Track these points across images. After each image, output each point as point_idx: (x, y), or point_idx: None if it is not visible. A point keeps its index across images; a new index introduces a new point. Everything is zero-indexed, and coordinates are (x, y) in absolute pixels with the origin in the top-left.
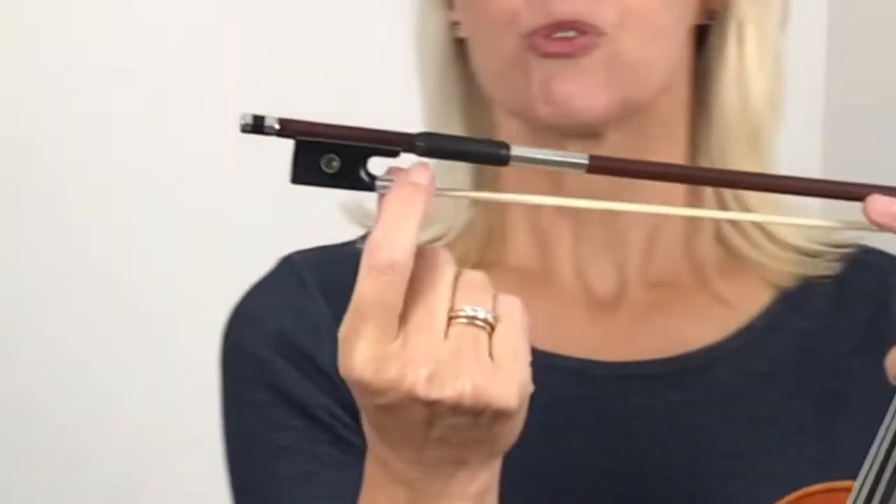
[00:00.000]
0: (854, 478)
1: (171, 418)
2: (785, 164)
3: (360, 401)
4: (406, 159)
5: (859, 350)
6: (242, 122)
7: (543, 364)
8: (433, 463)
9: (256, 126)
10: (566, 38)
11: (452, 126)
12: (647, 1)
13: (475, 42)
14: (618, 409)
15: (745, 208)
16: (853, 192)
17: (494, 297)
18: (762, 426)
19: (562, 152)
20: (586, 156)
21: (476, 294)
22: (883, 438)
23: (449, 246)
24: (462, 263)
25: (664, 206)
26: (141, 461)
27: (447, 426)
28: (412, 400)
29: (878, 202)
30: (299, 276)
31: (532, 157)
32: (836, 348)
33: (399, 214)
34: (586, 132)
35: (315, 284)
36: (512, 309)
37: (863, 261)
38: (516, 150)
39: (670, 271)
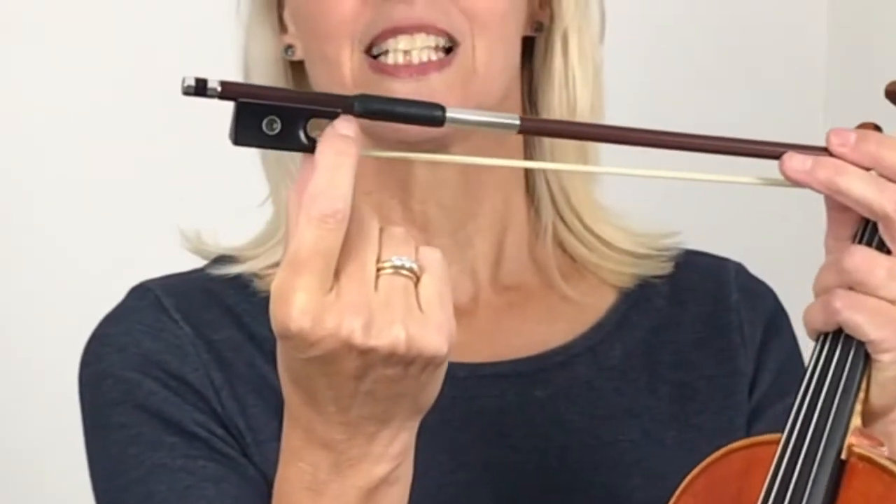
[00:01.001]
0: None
1: None
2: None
3: (292, 355)
4: None
5: (701, 343)
6: (185, 84)
7: None
8: (358, 422)
9: (199, 88)
10: (412, 64)
11: None
12: (493, 10)
13: (314, 62)
14: (486, 408)
15: (578, 214)
16: (770, 151)
17: (416, 249)
18: (624, 417)
19: (495, 113)
20: (517, 116)
21: (400, 246)
22: (805, 390)
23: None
24: None
25: (510, 213)
26: None
27: (377, 377)
28: (349, 349)
29: (793, 160)
30: (157, 300)
31: (466, 119)
32: (680, 342)
33: (335, 164)
34: (434, 144)
35: (173, 307)
36: (434, 259)
37: (690, 262)
38: (451, 112)
39: (518, 275)
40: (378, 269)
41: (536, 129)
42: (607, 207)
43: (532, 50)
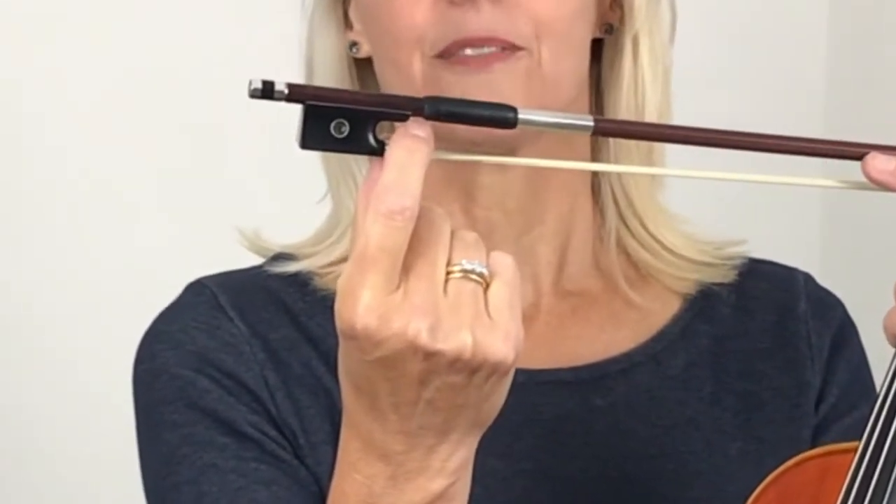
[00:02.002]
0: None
1: None
2: (785, 164)
3: (355, 356)
4: None
5: (768, 353)
6: (252, 87)
7: None
8: (418, 433)
9: (266, 91)
10: (482, 54)
11: None
12: (559, 15)
13: (382, 63)
14: (544, 415)
15: (641, 219)
16: (852, 152)
17: (487, 254)
18: (685, 428)
19: (569, 114)
20: (591, 117)
21: (471, 250)
22: (885, 396)
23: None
24: None
25: (576, 218)
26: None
27: (440, 385)
28: (414, 350)
29: (876, 160)
30: (213, 298)
31: (538, 121)
32: (746, 351)
33: (405, 162)
34: (501, 146)
35: (229, 304)
36: (505, 265)
37: (756, 270)
38: (524, 114)
39: (581, 281)
40: (448, 273)
41: (611, 130)
42: (672, 212)
43: (601, 51)
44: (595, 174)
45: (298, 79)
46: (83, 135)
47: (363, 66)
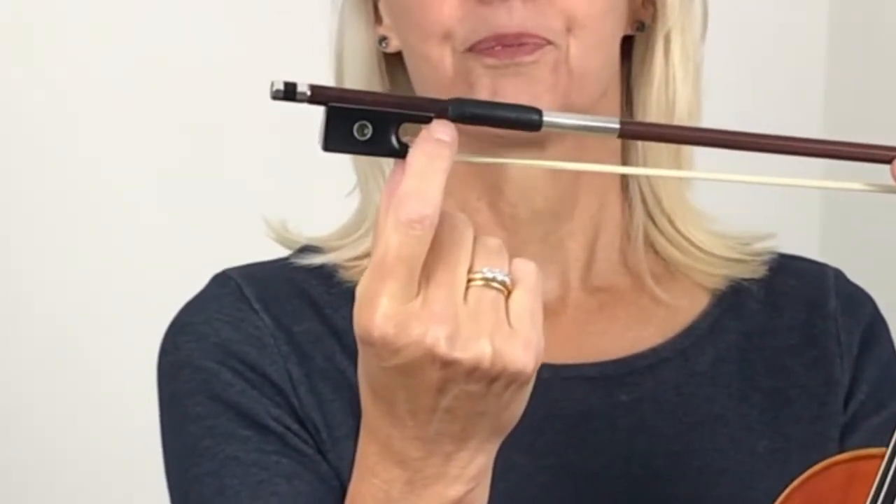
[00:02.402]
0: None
1: None
2: (784, 164)
3: (373, 363)
4: None
5: (796, 350)
6: (274, 88)
7: None
8: (435, 439)
9: (288, 93)
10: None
11: None
12: (590, 11)
13: (412, 57)
14: (569, 410)
15: (669, 218)
16: (881, 155)
17: (510, 262)
18: (712, 424)
19: (594, 117)
20: (618, 120)
21: (493, 257)
22: None
23: None
24: None
25: (604, 215)
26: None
27: (458, 393)
28: (432, 359)
29: None
30: (238, 289)
31: (564, 123)
32: (774, 348)
33: (426, 169)
34: (529, 140)
35: (254, 296)
36: (528, 273)
37: (786, 266)
38: (549, 116)
39: (609, 277)
40: (469, 280)
41: (638, 132)
42: (700, 211)
43: (631, 47)
44: (623, 159)
45: (301, 76)
46: (83, 135)
47: (392, 61)
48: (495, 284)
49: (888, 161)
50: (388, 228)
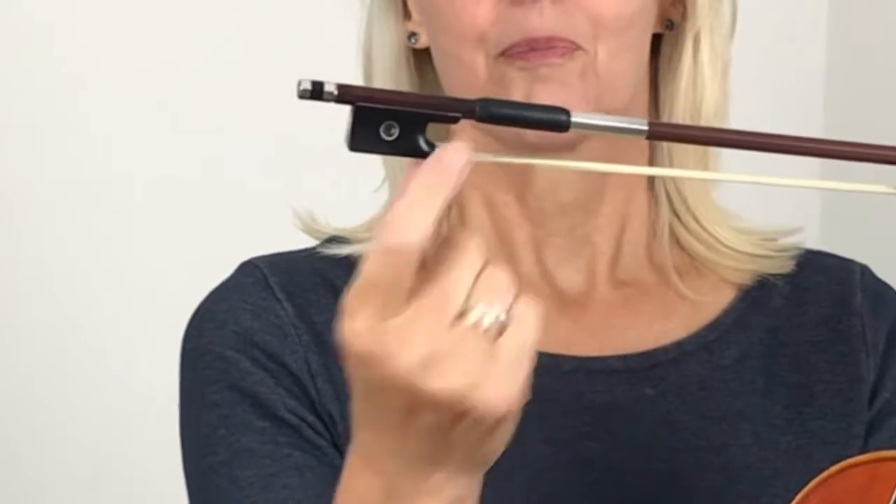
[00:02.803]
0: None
1: None
2: (784, 164)
3: (352, 375)
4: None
5: (821, 346)
6: (301, 88)
7: None
8: (411, 457)
9: (315, 92)
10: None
11: None
12: (620, 15)
13: (442, 58)
14: (591, 403)
15: (695, 216)
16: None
17: (515, 297)
18: (735, 419)
19: (622, 118)
20: (645, 121)
21: (497, 292)
22: None
23: None
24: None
25: (631, 210)
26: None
27: (429, 420)
28: (397, 381)
29: None
30: (263, 278)
31: (592, 124)
32: (799, 344)
33: (423, 197)
34: (561, 146)
35: (278, 285)
36: (528, 313)
37: (813, 262)
38: (577, 117)
39: (634, 272)
40: (462, 311)
41: (667, 134)
42: (725, 209)
43: (658, 45)
44: (651, 159)
45: (306, 74)
46: (86, 134)
47: (420, 57)
48: (487, 321)
49: None
50: (373, 248)
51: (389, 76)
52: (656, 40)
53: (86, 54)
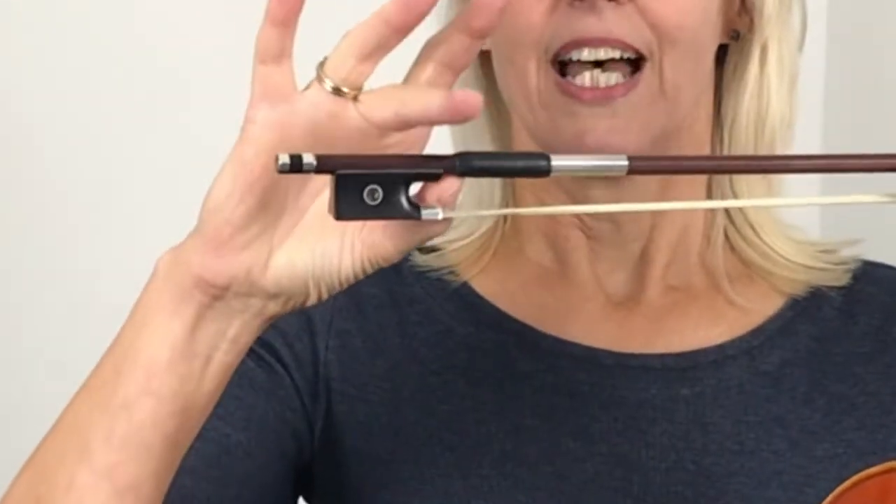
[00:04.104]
0: None
1: None
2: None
3: None
4: None
5: (868, 358)
6: (280, 162)
7: (551, 347)
8: None
9: (294, 165)
10: (598, 87)
11: (477, 135)
12: (683, 24)
13: (499, 61)
14: (626, 399)
15: (752, 226)
16: (890, 164)
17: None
18: (771, 425)
19: (601, 156)
20: (625, 157)
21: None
22: None
23: (470, 241)
24: (482, 253)
25: (688, 226)
26: None
27: None
28: None
29: None
30: None
31: (572, 166)
32: (846, 355)
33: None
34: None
35: None
36: None
37: (869, 273)
38: (556, 161)
39: (686, 277)
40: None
41: (647, 168)
42: (781, 220)
43: (723, 54)
44: (709, 178)
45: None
46: (88, 135)
47: (486, 62)
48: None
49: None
50: None
51: (461, 81)
52: (720, 50)
53: (100, 52)
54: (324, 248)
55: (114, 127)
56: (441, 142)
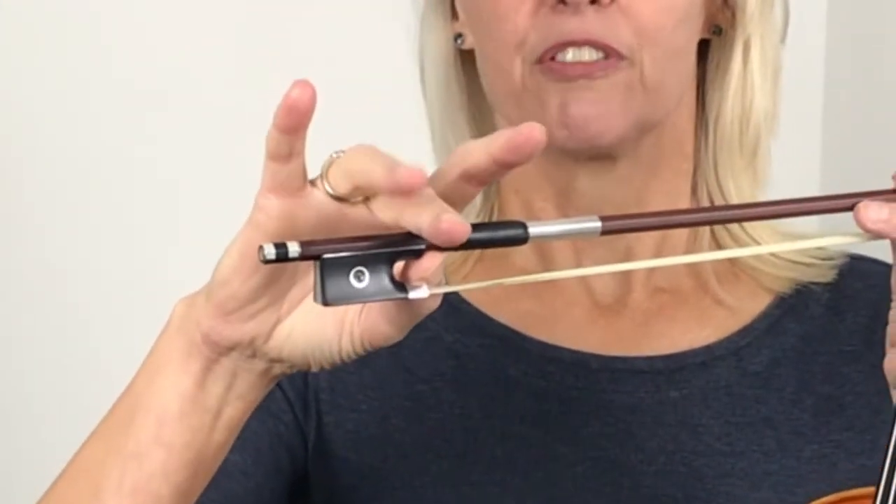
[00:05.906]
0: (856, 481)
1: None
2: (782, 165)
3: None
4: None
5: (855, 357)
6: (265, 253)
7: (538, 352)
8: None
9: (280, 255)
10: (582, 61)
11: (458, 134)
12: (663, 24)
13: (484, 62)
14: (614, 402)
15: (739, 237)
16: (842, 205)
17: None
18: (760, 426)
19: (575, 219)
20: (597, 217)
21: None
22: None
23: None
24: (467, 259)
25: (665, 256)
26: None
27: None
28: None
29: (869, 210)
30: None
31: (548, 233)
32: (834, 353)
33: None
34: (600, 154)
35: None
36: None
37: (855, 268)
38: (533, 228)
39: (673, 278)
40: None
41: (619, 227)
42: (774, 224)
43: (705, 49)
44: (695, 175)
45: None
46: (88, 135)
47: (466, 60)
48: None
49: (850, 209)
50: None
51: (440, 80)
52: (702, 44)
53: (97, 53)
54: (322, 334)
55: (114, 127)
56: (425, 145)
